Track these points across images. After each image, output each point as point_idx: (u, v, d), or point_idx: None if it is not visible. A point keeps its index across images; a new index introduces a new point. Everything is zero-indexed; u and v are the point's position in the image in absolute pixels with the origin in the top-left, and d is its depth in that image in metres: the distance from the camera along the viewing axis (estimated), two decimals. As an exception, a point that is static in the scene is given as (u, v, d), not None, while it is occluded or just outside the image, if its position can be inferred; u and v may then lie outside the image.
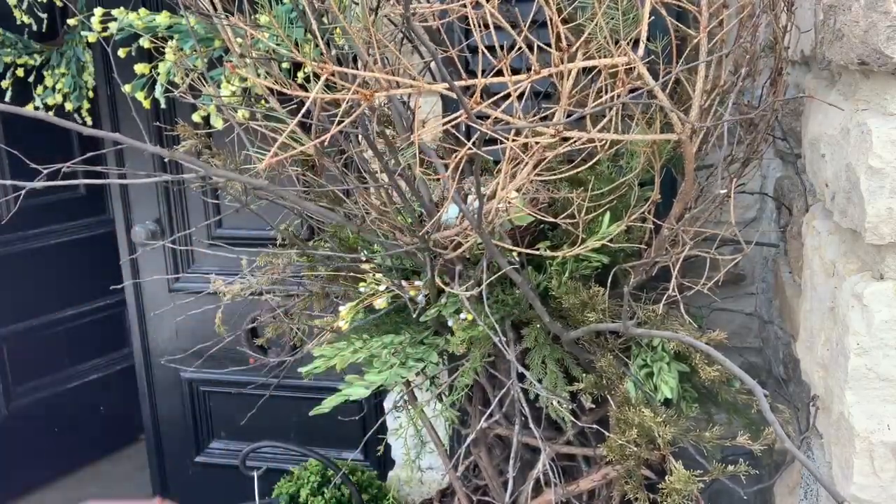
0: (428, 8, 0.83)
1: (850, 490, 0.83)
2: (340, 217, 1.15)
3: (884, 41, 0.74)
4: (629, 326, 0.93)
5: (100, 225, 2.80)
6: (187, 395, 2.45)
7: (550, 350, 1.10)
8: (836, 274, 0.88)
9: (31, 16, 2.20)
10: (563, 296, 1.03)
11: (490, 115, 0.67)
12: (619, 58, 0.65)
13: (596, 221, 0.99)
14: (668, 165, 1.15)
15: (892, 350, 0.79)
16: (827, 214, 0.93)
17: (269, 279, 1.37)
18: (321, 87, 0.60)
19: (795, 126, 1.19)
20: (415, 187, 1.06)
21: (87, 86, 2.40)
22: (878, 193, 0.76)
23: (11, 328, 2.61)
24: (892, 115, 0.77)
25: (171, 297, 2.36)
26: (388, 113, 1.18)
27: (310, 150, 0.98)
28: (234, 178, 0.96)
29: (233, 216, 2.18)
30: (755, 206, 1.57)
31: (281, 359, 1.61)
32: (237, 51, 1.02)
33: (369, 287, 1.18)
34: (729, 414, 1.11)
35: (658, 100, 0.73)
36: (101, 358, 2.89)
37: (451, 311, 1.09)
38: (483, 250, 0.98)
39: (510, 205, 0.97)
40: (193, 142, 1.29)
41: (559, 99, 0.76)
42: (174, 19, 1.51)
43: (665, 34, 0.85)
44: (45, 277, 2.68)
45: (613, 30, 0.80)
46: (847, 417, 0.82)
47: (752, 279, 1.62)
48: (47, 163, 0.98)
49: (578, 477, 1.19)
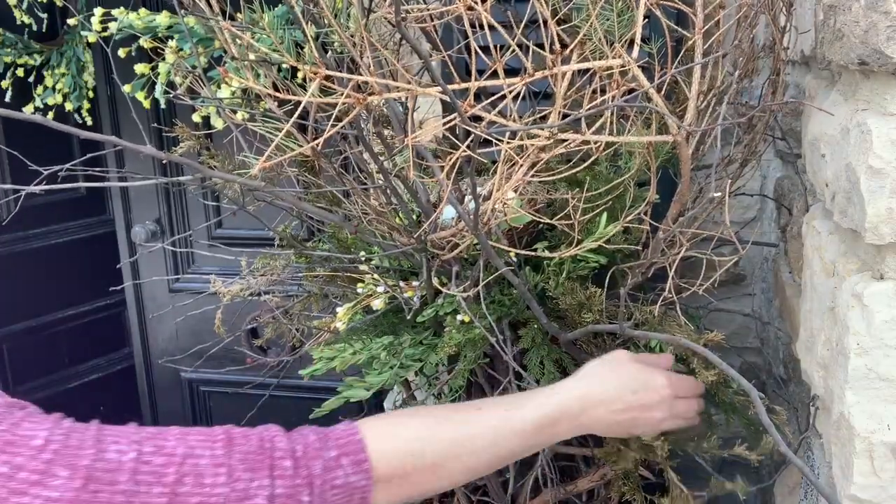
0: (419, 13, 0.83)
1: (850, 490, 0.83)
2: (339, 218, 1.15)
3: (884, 41, 0.73)
4: (626, 328, 0.93)
5: (100, 225, 2.80)
6: (187, 395, 2.46)
7: (548, 350, 1.10)
8: (836, 274, 0.88)
9: (31, 16, 2.21)
10: (560, 297, 1.03)
11: (485, 117, 0.67)
12: (613, 60, 0.65)
13: (593, 222, 0.99)
14: (667, 166, 1.15)
15: (892, 350, 0.79)
16: (827, 214, 0.93)
17: (268, 280, 1.37)
18: (316, 90, 0.60)
19: (795, 126, 1.18)
20: (412, 188, 1.06)
21: (87, 86, 2.40)
22: (878, 193, 0.76)
23: (11, 328, 2.61)
24: (892, 115, 0.77)
25: (172, 298, 2.36)
26: (386, 113, 1.18)
27: (307, 152, 0.98)
28: (232, 178, 0.96)
29: (233, 216, 2.18)
30: (755, 206, 1.56)
31: (280, 359, 1.61)
32: (234, 53, 1.02)
33: (367, 288, 1.18)
34: (728, 414, 1.10)
35: (654, 102, 0.73)
36: (101, 358, 2.89)
37: (449, 311, 1.09)
38: (480, 251, 0.98)
39: (506, 206, 0.97)
40: (192, 143, 1.29)
41: (556, 100, 0.76)
42: (174, 19, 1.51)
43: (661, 36, 0.85)
44: (46, 277, 2.68)
45: (608, 31, 0.80)
46: (847, 417, 0.82)
47: (751, 279, 1.61)
48: (47, 163, 0.98)
49: (577, 477, 1.19)
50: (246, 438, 0.74)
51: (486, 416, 0.85)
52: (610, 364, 0.93)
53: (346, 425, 0.79)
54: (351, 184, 1.13)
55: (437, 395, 1.31)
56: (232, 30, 0.92)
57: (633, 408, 0.90)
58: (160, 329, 2.45)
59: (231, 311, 1.48)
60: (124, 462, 0.66)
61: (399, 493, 0.79)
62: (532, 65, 0.66)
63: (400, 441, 0.79)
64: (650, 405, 0.91)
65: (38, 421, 0.66)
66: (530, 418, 0.85)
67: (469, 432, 0.83)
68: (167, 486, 0.67)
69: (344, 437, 0.77)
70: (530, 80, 0.63)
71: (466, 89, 0.65)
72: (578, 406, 0.88)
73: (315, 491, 0.73)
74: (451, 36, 1.35)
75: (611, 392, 0.89)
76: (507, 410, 0.85)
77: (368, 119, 1.11)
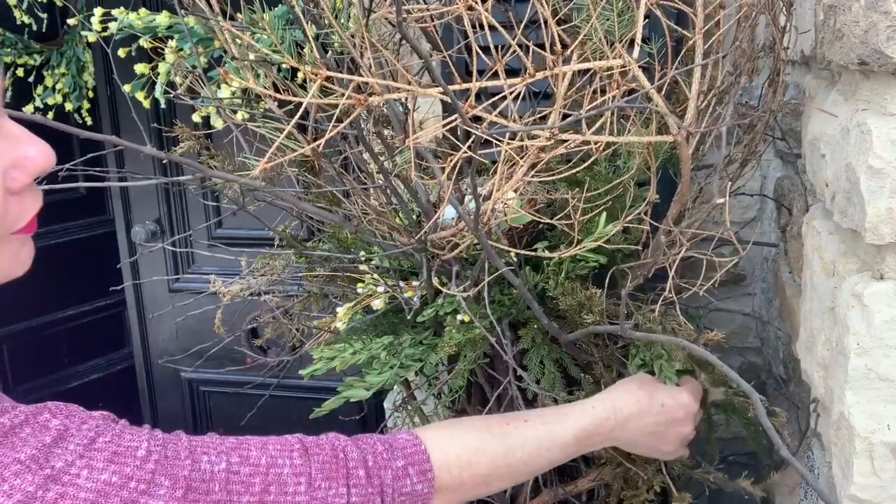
0: (420, 14, 0.83)
1: (850, 490, 0.83)
2: (339, 218, 1.15)
3: (884, 41, 0.73)
4: (626, 329, 0.93)
5: (100, 225, 2.80)
6: (187, 395, 2.46)
7: (548, 350, 1.10)
8: (836, 274, 0.88)
9: (31, 16, 2.21)
10: (560, 297, 1.03)
11: (486, 118, 0.67)
12: (614, 60, 0.65)
13: (593, 222, 0.99)
14: (667, 166, 1.15)
15: (892, 350, 0.79)
16: (827, 214, 0.93)
17: (268, 280, 1.37)
18: (316, 90, 0.60)
19: (795, 126, 1.18)
20: (412, 188, 1.06)
21: (86, 86, 2.40)
22: (878, 193, 0.76)
23: (11, 328, 2.61)
24: (892, 115, 0.77)
25: (171, 298, 2.36)
26: (387, 113, 1.18)
27: (308, 152, 0.98)
28: (232, 179, 0.96)
29: (233, 216, 2.18)
30: (755, 206, 1.56)
31: (280, 359, 1.61)
32: (234, 53, 1.02)
33: (367, 288, 1.18)
34: (727, 414, 1.11)
35: (654, 103, 0.73)
36: (101, 358, 2.89)
37: (449, 311, 1.09)
38: (480, 251, 0.98)
39: (506, 206, 0.97)
40: (192, 143, 1.29)
41: (556, 100, 0.76)
42: (174, 19, 1.50)
43: (662, 36, 0.85)
44: (45, 277, 2.68)
45: (609, 31, 0.80)
46: (847, 417, 0.82)
47: (751, 279, 1.62)
48: (47, 162, 0.98)
49: (577, 477, 1.19)
50: (320, 448, 0.79)
51: (531, 429, 0.90)
52: (639, 380, 0.99)
53: (409, 435, 0.85)
54: (351, 184, 1.12)
55: (437, 394, 1.31)
56: (232, 30, 0.92)
57: (660, 423, 0.96)
58: (160, 329, 2.45)
59: (231, 311, 1.48)
60: (216, 472, 0.70)
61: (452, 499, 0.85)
62: (532, 65, 0.66)
63: (458, 452, 0.85)
64: (677, 420, 0.97)
65: (136, 432, 0.69)
66: (571, 432, 0.91)
67: (517, 444, 0.88)
68: (255, 496, 0.71)
69: (409, 447, 0.83)
70: (531, 81, 0.63)
71: (467, 90, 0.65)
72: (613, 421, 0.94)
73: (386, 499, 0.78)
74: (451, 36, 1.35)
75: (643, 406, 0.95)
76: (551, 424, 0.91)
77: (369, 119, 1.11)
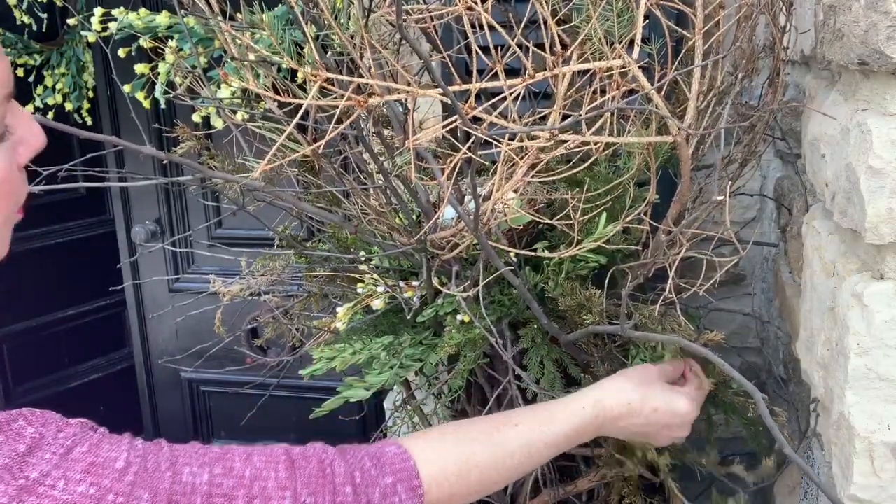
0: (420, 14, 0.83)
1: (850, 490, 0.83)
2: (339, 218, 1.15)
3: (884, 41, 0.73)
4: (626, 329, 0.93)
5: (100, 225, 2.80)
6: (187, 395, 2.46)
7: (548, 350, 1.10)
8: (836, 274, 0.88)
9: (31, 16, 2.21)
10: (560, 297, 1.03)
11: (486, 118, 0.67)
12: (614, 60, 0.65)
13: (593, 222, 0.99)
14: (666, 166, 1.15)
15: (892, 350, 0.79)
16: (827, 214, 0.93)
17: (268, 280, 1.37)
18: (316, 92, 0.60)
19: (795, 126, 1.18)
20: (412, 188, 1.06)
21: (86, 86, 2.40)
22: (878, 193, 0.76)
23: (11, 328, 2.61)
24: (892, 115, 0.77)
25: (171, 298, 2.36)
26: (386, 113, 1.18)
27: (308, 153, 0.98)
28: (231, 179, 0.96)
29: (233, 216, 2.18)
30: (755, 206, 1.56)
31: (280, 359, 1.61)
32: (234, 54, 1.02)
33: (367, 288, 1.18)
34: (727, 414, 1.11)
35: (653, 103, 0.73)
36: (101, 358, 2.89)
37: (449, 311, 1.09)
38: (480, 251, 0.98)
39: (506, 206, 0.97)
40: (192, 143, 1.29)
41: (556, 100, 0.76)
42: (174, 19, 1.50)
43: (661, 36, 0.85)
44: (45, 277, 2.68)
45: (608, 32, 0.80)
46: (847, 417, 0.82)
47: (751, 279, 1.61)
48: (47, 162, 0.98)
49: (577, 477, 1.19)
50: (306, 460, 0.77)
51: (522, 432, 0.90)
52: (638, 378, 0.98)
53: (397, 448, 0.83)
54: (351, 184, 1.12)
55: (437, 394, 1.31)
56: (231, 31, 0.92)
57: (651, 424, 0.96)
58: (160, 329, 2.45)
59: (231, 311, 1.48)
60: (198, 485, 0.68)
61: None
62: (532, 65, 0.66)
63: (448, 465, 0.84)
64: (669, 425, 0.97)
65: (115, 441, 0.68)
66: (562, 432, 0.92)
67: (507, 452, 0.88)
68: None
69: (398, 462, 0.82)
70: (531, 82, 0.63)
71: (467, 90, 0.65)
72: (603, 418, 0.94)
73: None
74: (451, 36, 1.35)
75: (634, 406, 0.95)
76: (542, 426, 0.91)
77: (368, 119, 1.11)
